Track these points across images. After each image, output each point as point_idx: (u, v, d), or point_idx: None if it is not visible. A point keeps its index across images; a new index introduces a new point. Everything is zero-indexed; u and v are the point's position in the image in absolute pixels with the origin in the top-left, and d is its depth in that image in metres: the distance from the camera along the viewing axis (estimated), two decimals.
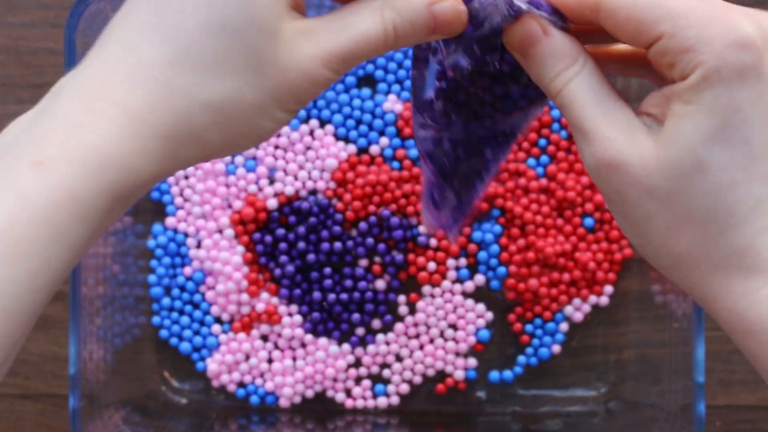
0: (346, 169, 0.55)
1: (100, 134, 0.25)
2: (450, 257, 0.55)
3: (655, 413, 0.51)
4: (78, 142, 0.25)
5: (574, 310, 0.56)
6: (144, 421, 0.52)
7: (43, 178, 0.24)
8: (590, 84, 0.28)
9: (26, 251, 0.24)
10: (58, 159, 0.25)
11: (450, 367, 0.56)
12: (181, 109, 0.26)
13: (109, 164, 0.25)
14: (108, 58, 0.27)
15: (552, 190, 0.55)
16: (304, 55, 0.27)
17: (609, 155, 0.27)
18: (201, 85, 0.26)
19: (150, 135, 0.26)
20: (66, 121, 0.25)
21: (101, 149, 0.25)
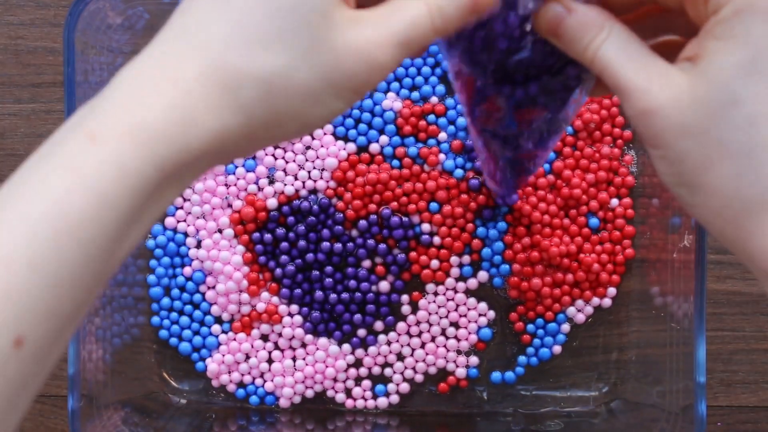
0: (346, 168, 0.55)
1: (149, 109, 0.26)
2: (454, 254, 0.55)
3: (656, 413, 0.51)
4: (128, 117, 0.26)
5: (577, 311, 0.55)
6: (143, 421, 0.52)
7: (96, 153, 0.25)
8: (619, 45, 0.28)
9: (77, 222, 0.25)
10: (110, 134, 0.26)
11: (452, 365, 0.56)
12: (229, 82, 0.27)
13: (157, 137, 0.26)
14: (166, 40, 0.28)
15: (558, 187, 0.55)
16: (359, 39, 0.28)
17: (644, 104, 0.28)
18: (251, 59, 0.27)
19: (197, 108, 0.27)
20: (120, 100, 0.27)
21: (150, 123, 0.26)
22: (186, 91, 0.27)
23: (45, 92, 0.56)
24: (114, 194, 0.25)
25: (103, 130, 0.26)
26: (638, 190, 0.55)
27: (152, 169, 0.26)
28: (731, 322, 0.55)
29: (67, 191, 0.25)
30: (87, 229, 0.25)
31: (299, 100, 0.28)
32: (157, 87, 0.27)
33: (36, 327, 0.25)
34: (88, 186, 0.25)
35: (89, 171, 0.25)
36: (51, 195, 0.25)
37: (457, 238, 0.55)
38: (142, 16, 0.51)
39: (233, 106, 0.27)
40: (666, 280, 0.51)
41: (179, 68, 0.27)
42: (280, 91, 0.27)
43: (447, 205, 0.55)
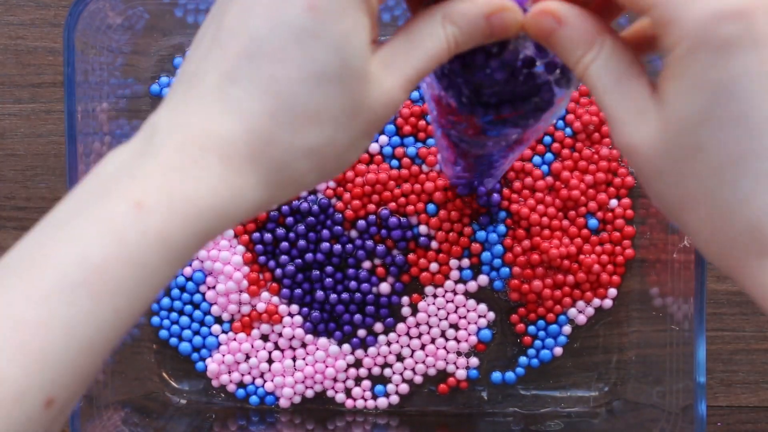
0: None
1: (198, 182, 0.26)
2: (453, 258, 0.55)
3: (656, 414, 0.51)
4: (177, 189, 0.26)
5: (578, 313, 0.55)
6: (143, 421, 0.52)
7: (141, 221, 0.25)
8: (607, 67, 0.27)
9: (115, 289, 0.25)
10: (157, 204, 0.25)
11: (452, 366, 0.56)
12: (282, 159, 0.27)
13: (205, 212, 0.26)
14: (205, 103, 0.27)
15: (557, 189, 0.55)
16: (388, 87, 0.28)
17: (623, 140, 0.27)
18: (301, 135, 0.27)
19: (248, 184, 0.27)
20: (166, 167, 0.26)
21: (199, 198, 0.26)
22: (236, 169, 0.26)
23: (45, 92, 0.56)
24: (155, 265, 0.25)
25: (150, 199, 0.25)
26: (638, 191, 0.55)
27: (195, 239, 0.26)
28: (731, 322, 0.55)
29: (108, 258, 0.25)
30: (124, 297, 0.25)
31: (342, 155, 0.28)
32: (204, 158, 0.26)
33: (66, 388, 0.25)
34: (130, 255, 0.25)
35: (132, 240, 0.25)
36: (92, 260, 0.24)
37: (455, 243, 0.55)
38: (142, 16, 0.51)
39: (283, 179, 0.27)
40: (666, 281, 0.51)
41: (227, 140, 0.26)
42: (328, 156, 0.28)
43: (443, 209, 0.55)
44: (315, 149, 0.27)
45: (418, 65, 0.28)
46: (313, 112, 0.27)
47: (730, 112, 0.25)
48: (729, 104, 0.25)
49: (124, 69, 0.53)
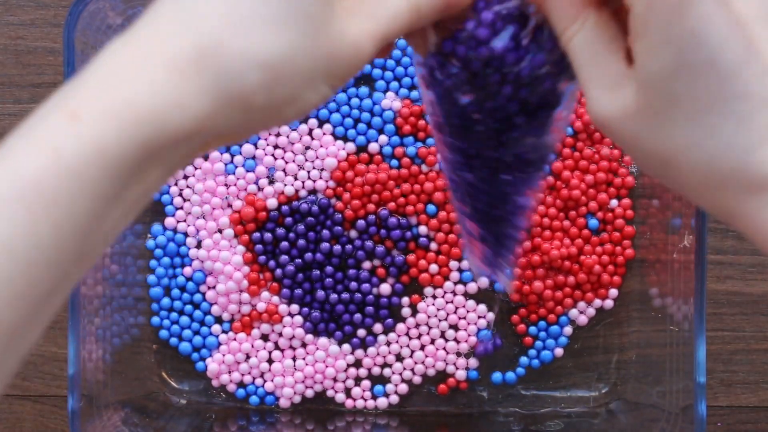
0: (345, 168, 0.55)
1: (137, 88, 0.25)
2: (452, 259, 0.55)
3: (656, 414, 0.51)
4: (114, 95, 0.25)
5: (579, 313, 0.55)
6: (143, 421, 0.52)
7: (75, 132, 0.24)
8: (587, 41, 0.28)
9: (51, 202, 0.24)
10: (93, 112, 0.25)
11: (451, 367, 0.56)
12: (231, 66, 0.26)
13: (142, 118, 0.25)
14: (159, 14, 0.26)
15: (558, 189, 0.55)
16: (352, 29, 0.27)
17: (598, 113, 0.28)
18: (252, 42, 0.26)
19: (192, 92, 0.25)
20: (106, 75, 0.25)
21: (137, 103, 0.25)
22: (178, 71, 0.25)
23: (45, 92, 0.56)
24: (92, 176, 0.24)
25: (85, 108, 0.25)
26: (638, 191, 0.55)
27: (134, 150, 0.25)
28: (731, 322, 0.55)
29: (43, 171, 0.24)
30: (62, 210, 0.24)
31: (299, 85, 0.27)
32: (145, 63, 0.25)
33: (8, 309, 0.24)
34: (65, 166, 0.24)
35: (67, 151, 0.24)
36: (26, 175, 0.24)
37: (455, 244, 0.55)
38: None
39: (229, 90, 0.26)
40: (666, 281, 0.51)
41: (172, 44, 0.25)
42: (282, 76, 0.26)
43: (443, 210, 0.55)
44: (268, 62, 0.26)
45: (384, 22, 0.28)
46: (267, 18, 0.26)
47: (698, 60, 0.25)
48: (695, 52, 0.25)
49: None
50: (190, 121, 0.25)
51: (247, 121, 0.27)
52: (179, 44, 0.25)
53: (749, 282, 0.55)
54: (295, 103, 0.27)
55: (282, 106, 0.27)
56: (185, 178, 0.55)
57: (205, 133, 0.26)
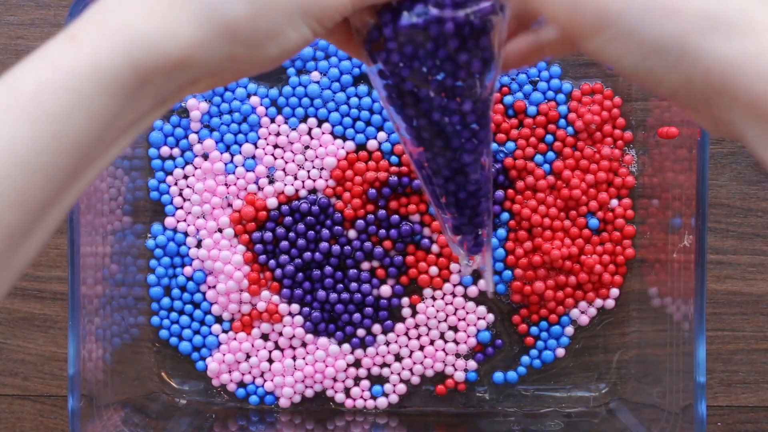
0: (344, 167, 0.55)
1: (132, 14, 0.27)
2: (453, 262, 0.55)
3: (656, 413, 0.51)
4: (111, 21, 0.27)
5: (580, 313, 0.55)
6: (143, 421, 0.52)
7: (73, 49, 0.27)
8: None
9: (50, 112, 0.26)
10: (90, 34, 0.27)
11: (450, 368, 0.56)
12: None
13: (134, 40, 0.27)
14: None
15: (558, 188, 0.55)
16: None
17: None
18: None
19: (181, 20, 0.28)
20: (103, 6, 0.28)
21: (130, 27, 0.27)
22: (168, 2, 0.28)
23: None
24: (87, 90, 0.26)
25: (83, 31, 0.27)
26: (638, 191, 0.55)
27: (127, 70, 0.27)
28: (731, 322, 0.56)
29: (44, 83, 0.26)
30: (61, 120, 0.26)
31: (279, 20, 0.29)
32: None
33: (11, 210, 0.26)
34: (62, 79, 0.26)
35: (65, 66, 0.26)
36: (29, 86, 0.26)
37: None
38: None
39: (216, 20, 0.28)
40: (666, 281, 0.51)
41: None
42: (264, 8, 0.29)
43: None
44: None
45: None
46: None
47: None
48: None
49: None
50: (180, 48, 0.28)
51: (233, 55, 0.29)
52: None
53: (749, 282, 0.55)
54: (276, 39, 0.30)
55: (264, 40, 0.29)
56: (185, 178, 0.55)
57: (194, 65, 0.28)
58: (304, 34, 0.30)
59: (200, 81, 0.30)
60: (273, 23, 0.29)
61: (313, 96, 0.55)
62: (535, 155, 0.55)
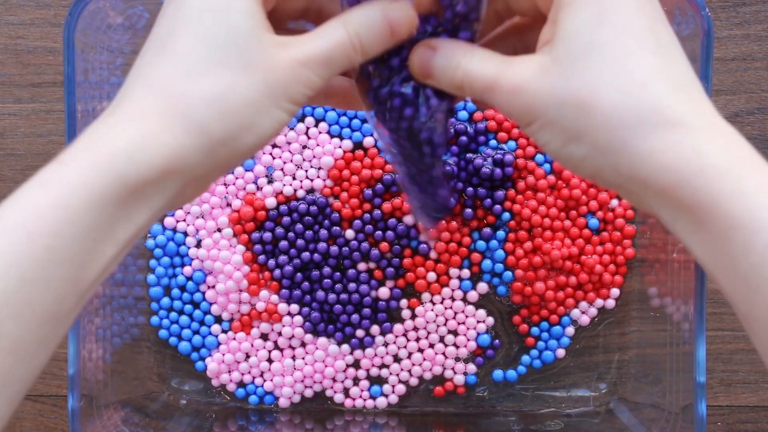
0: (342, 166, 0.55)
1: (114, 135, 0.30)
2: (452, 267, 0.55)
3: (656, 413, 0.51)
4: (97, 142, 0.30)
5: (581, 314, 0.55)
6: (143, 421, 0.52)
7: (63, 172, 0.29)
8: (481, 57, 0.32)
9: (44, 228, 0.28)
10: (78, 157, 0.29)
11: (449, 371, 0.55)
12: (182, 108, 0.30)
13: (118, 155, 0.29)
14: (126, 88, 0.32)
15: (558, 188, 0.55)
16: (284, 58, 0.31)
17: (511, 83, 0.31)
18: (198, 84, 0.30)
19: (159, 128, 0.30)
20: (89, 133, 0.30)
21: (114, 145, 0.29)
22: (144, 119, 0.30)
23: (45, 92, 0.56)
24: (78, 207, 0.28)
25: (72, 155, 0.29)
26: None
27: (114, 185, 0.29)
28: (731, 322, 0.55)
29: (37, 203, 0.28)
30: (55, 238, 0.28)
31: (248, 112, 0.31)
32: (119, 123, 0.30)
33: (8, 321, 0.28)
34: (54, 199, 0.28)
35: (56, 186, 0.29)
36: (25, 207, 0.28)
37: (455, 253, 0.55)
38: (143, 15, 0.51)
39: (189, 126, 0.30)
40: (666, 280, 0.51)
41: (138, 106, 0.30)
42: (229, 105, 0.30)
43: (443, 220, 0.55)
44: (215, 96, 0.30)
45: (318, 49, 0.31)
46: (211, 64, 0.30)
47: (616, 17, 0.29)
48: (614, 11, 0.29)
49: (124, 68, 0.53)
50: (162, 157, 0.30)
51: (213, 154, 0.31)
52: (144, 104, 0.30)
53: None
54: (251, 129, 0.31)
55: (239, 132, 0.31)
56: None
57: (178, 172, 0.30)
58: (279, 118, 0.32)
59: (188, 188, 0.32)
60: (244, 117, 0.31)
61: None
62: (535, 155, 0.55)
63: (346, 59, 0.32)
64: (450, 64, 0.32)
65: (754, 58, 0.55)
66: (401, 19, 0.32)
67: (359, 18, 0.32)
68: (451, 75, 0.32)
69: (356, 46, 0.32)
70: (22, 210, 0.29)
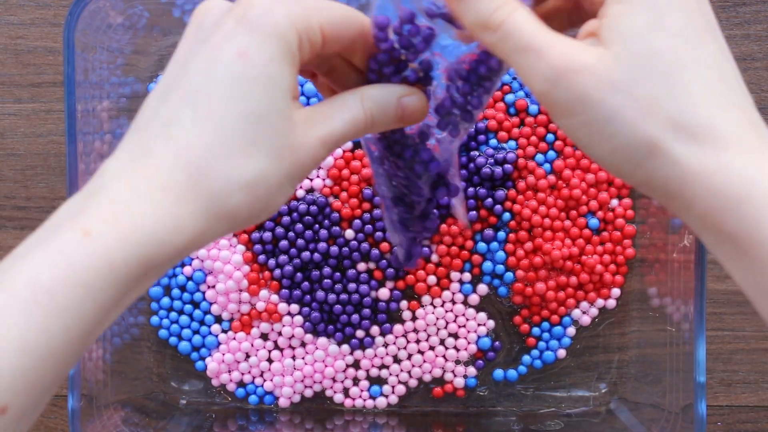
0: (341, 166, 0.55)
1: (142, 214, 0.29)
2: (453, 270, 0.55)
3: (656, 413, 0.51)
4: (121, 218, 0.28)
5: (582, 314, 0.55)
6: (143, 421, 0.52)
7: (87, 247, 0.28)
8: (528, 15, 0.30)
9: (65, 308, 0.27)
10: (104, 233, 0.28)
11: (450, 374, 0.55)
12: (218, 190, 0.29)
13: (148, 240, 0.28)
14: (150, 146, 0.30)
15: (559, 188, 0.55)
16: (311, 138, 0.31)
17: (569, 60, 0.28)
18: (236, 167, 0.30)
19: (187, 213, 0.29)
20: (114, 201, 0.29)
21: (141, 226, 0.28)
22: (174, 197, 0.29)
23: (45, 92, 0.56)
24: (100, 287, 0.28)
25: (97, 227, 0.28)
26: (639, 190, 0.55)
27: (138, 265, 0.28)
28: (731, 322, 0.55)
29: (58, 281, 0.27)
30: (73, 316, 0.27)
31: (273, 194, 0.31)
32: (148, 191, 0.29)
33: (20, 397, 0.27)
34: (77, 277, 0.27)
35: (79, 264, 0.28)
36: (43, 282, 0.27)
37: (456, 256, 0.55)
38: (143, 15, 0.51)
39: (219, 212, 0.30)
40: (666, 280, 0.51)
41: (166, 172, 0.29)
42: (262, 193, 0.30)
43: (444, 223, 0.55)
44: (249, 182, 0.30)
45: (339, 129, 0.32)
46: (245, 145, 0.30)
47: (672, 23, 0.28)
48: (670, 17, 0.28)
49: (124, 68, 0.53)
50: (185, 239, 0.29)
51: (233, 228, 0.31)
52: (176, 175, 0.29)
53: None
54: (270, 208, 0.31)
55: (260, 212, 0.31)
56: None
57: (197, 244, 0.30)
58: (289, 194, 0.32)
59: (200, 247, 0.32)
60: (268, 200, 0.31)
61: (309, 95, 0.55)
62: (535, 154, 0.55)
63: (356, 135, 0.33)
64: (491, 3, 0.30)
65: (754, 58, 0.55)
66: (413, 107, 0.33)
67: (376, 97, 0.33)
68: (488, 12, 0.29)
69: (367, 123, 0.33)
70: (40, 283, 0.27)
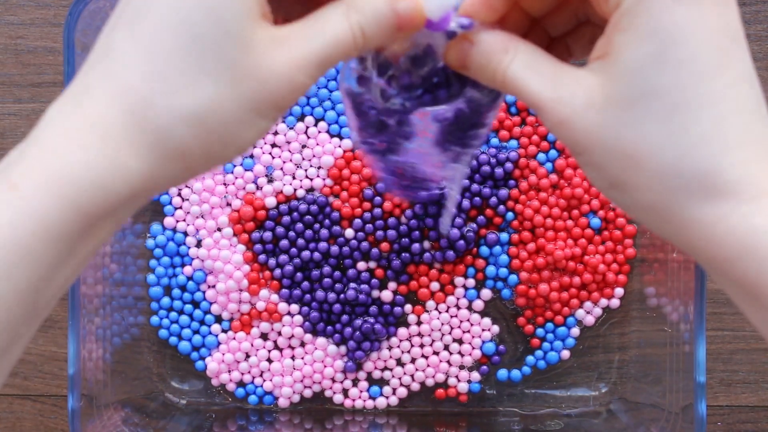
0: (342, 165, 0.55)
1: (72, 158, 0.26)
2: (457, 276, 0.55)
3: (657, 413, 0.51)
4: (53, 167, 0.26)
5: (585, 314, 0.55)
6: (143, 421, 0.52)
7: (15, 203, 0.25)
8: (525, 63, 0.28)
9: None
10: (31, 184, 0.25)
11: (453, 379, 0.55)
12: (161, 124, 0.26)
13: (81, 186, 0.26)
14: (89, 83, 0.27)
15: (561, 187, 0.55)
16: (279, 62, 0.27)
17: (557, 116, 0.27)
18: (176, 97, 0.26)
19: (128, 154, 0.26)
20: (45, 149, 0.26)
21: (73, 173, 0.26)
22: (111, 138, 0.26)
23: (45, 92, 0.56)
24: (34, 246, 0.25)
25: (25, 180, 0.25)
26: None
27: (76, 217, 0.26)
28: (731, 322, 0.55)
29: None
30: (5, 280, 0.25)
31: (231, 127, 0.27)
32: (79, 134, 0.26)
33: None
34: (4, 236, 0.25)
35: (6, 222, 0.25)
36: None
37: (459, 262, 0.55)
38: None
39: (163, 150, 0.26)
40: (666, 280, 0.51)
41: (101, 111, 0.26)
42: (213, 124, 0.27)
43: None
44: (195, 113, 0.26)
45: (318, 49, 0.27)
46: (188, 70, 0.26)
47: (679, 56, 0.25)
48: (677, 48, 0.25)
49: None
50: (130, 183, 0.26)
51: (189, 169, 0.28)
52: (109, 110, 0.26)
53: None
54: (234, 143, 0.28)
55: (220, 149, 0.27)
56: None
57: (147, 193, 0.27)
58: (263, 128, 0.28)
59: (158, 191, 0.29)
60: (227, 134, 0.27)
61: (309, 94, 0.55)
62: (537, 153, 0.55)
63: (343, 56, 0.28)
64: (489, 65, 0.29)
65: (755, 58, 0.55)
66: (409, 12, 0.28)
67: (365, 7, 0.28)
68: (491, 77, 0.29)
69: (357, 41, 0.28)
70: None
